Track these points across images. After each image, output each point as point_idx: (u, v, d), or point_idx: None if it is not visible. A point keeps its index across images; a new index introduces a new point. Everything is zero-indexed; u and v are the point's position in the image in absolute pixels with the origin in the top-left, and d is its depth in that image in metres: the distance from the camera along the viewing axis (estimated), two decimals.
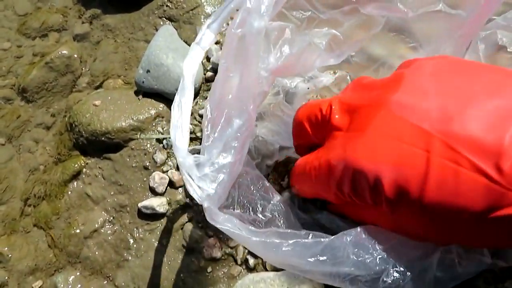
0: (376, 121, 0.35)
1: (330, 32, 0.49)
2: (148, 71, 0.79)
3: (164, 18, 0.91)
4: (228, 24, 0.78)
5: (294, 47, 0.54)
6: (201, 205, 0.72)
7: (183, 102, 0.51)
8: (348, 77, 0.70)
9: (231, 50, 0.49)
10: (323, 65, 0.56)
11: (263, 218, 0.63)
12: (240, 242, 0.46)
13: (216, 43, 0.84)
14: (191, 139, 0.76)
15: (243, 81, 0.48)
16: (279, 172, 0.74)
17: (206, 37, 0.54)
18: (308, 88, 0.67)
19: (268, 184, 0.64)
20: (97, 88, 0.89)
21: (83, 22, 0.98)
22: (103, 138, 0.77)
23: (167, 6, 0.91)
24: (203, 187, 0.48)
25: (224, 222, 0.45)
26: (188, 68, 0.53)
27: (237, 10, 0.55)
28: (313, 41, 0.48)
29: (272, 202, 0.65)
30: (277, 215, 0.65)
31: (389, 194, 0.33)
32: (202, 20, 0.88)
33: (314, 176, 0.44)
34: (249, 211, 0.63)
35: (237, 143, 0.48)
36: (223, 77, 0.52)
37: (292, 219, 0.63)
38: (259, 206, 0.64)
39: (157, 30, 0.90)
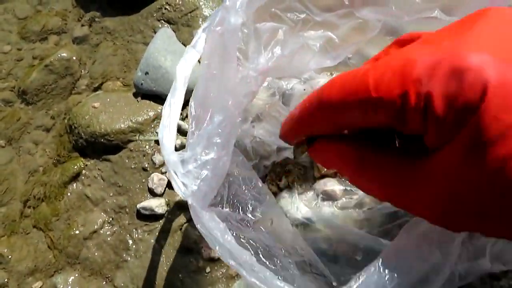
0: (485, 18, 0.23)
1: (325, 35, 0.50)
2: (146, 73, 0.79)
3: (162, 21, 0.92)
4: None
5: (286, 48, 0.54)
6: None
7: (173, 103, 0.52)
8: None
9: (212, 48, 0.50)
10: (318, 67, 0.56)
11: (252, 218, 0.63)
12: (211, 246, 0.46)
13: None
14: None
15: (223, 77, 0.48)
16: (277, 173, 0.74)
17: (201, 40, 0.54)
18: (304, 90, 0.68)
19: (261, 185, 0.65)
20: (96, 90, 0.90)
21: (82, 25, 0.99)
22: (102, 140, 0.77)
23: (165, 9, 0.92)
24: (187, 184, 0.48)
25: (208, 222, 0.46)
26: (181, 70, 0.54)
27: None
28: (307, 42, 0.48)
29: (264, 202, 0.66)
30: (267, 216, 0.65)
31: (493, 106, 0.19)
32: (200, 22, 0.89)
33: (373, 83, 0.24)
34: (238, 211, 0.64)
35: (219, 139, 0.48)
36: (206, 75, 0.52)
37: (284, 221, 0.64)
38: (249, 206, 0.64)
39: (155, 32, 0.91)
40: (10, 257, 0.74)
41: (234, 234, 0.60)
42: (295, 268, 0.62)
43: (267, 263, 0.62)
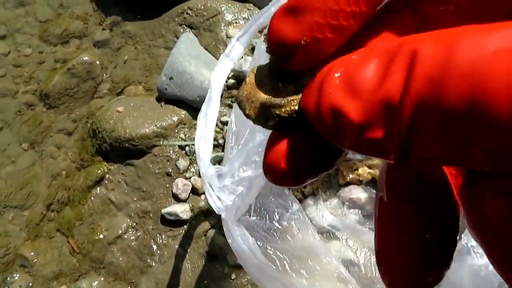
0: None
1: None
2: (171, 78, 0.79)
3: (184, 26, 0.92)
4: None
5: None
6: None
7: (209, 113, 0.52)
8: None
9: (258, 62, 0.50)
10: None
11: (279, 226, 0.64)
12: (241, 262, 0.47)
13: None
14: (213, 146, 0.77)
15: None
16: None
17: (235, 49, 0.54)
18: None
19: (287, 192, 0.65)
20: (118, 94, 0.90)
21: (103, 29, 0.99)
22: (126, 145, 0.77)
23: (187, 13, 0.92)
24: (222, 198, 0.49)
25: (237, 237, 0.47)
26: (216, 80, 0.54)
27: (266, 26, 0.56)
28: None
29: (290, 210, 0.66)
30: (294, 224, 0.65)
31: None
32: (222, 27, 0.89)
33: None
34: (265, 219, 0.64)
35: (258, 158, 0.49)
36: None
37: (310, 229, 0.64)
38: (276, 214, 0.65)
39: (177, 37, 0.91)
40: (34, 261, 0.74)
41: (262, 245, 0.60)
42: (322, 279, 0.62)
43: (294, 275, 0.62)
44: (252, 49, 0.84)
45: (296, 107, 0.13)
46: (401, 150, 0.11)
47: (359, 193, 0.71)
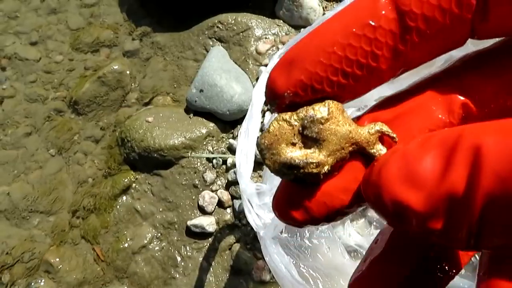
0: None
1: None
2: (201, 90, 0.80)
3: (214, 39, 0.93)
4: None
5: None
6: (251, 227, 0.73)
7: (250, 129, 0.52)
8: None
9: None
10: (379, 96, 0.56)
11: (309, 244, 0.64)
12: (277, 280, 0.46)
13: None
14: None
15: None
16: None
17: None
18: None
19: None
20: (146, 104, 0.91)
21: (133, 39, 1.00)
22: (155, 155, 0.78)
23: (217, 27, 0.93)
24: (262, 216, 0.49)
25: (273, 255, 0.46)
26: (258, 96, 0.54)
27: None
28: None
29: (320, 228, 0.66)
30: (324, 243, 0.65)
31: None
32: (252, 42, 0.90)
33: None
34: (296, 236, 0.64)
35: None
36: None
37: (339, 247, 0.63)
38: (306, 231, 0.64)
39: (206, 50, 0.92)
40: (59, 267, 0.74)
41: (295, 263, 0.60)
42: None
43: None
44: None
45: (314, 170, 0.14)
46: (470, 240, 0.11)
47: None
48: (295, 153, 0.14)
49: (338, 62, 0.14)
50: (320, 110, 0.14)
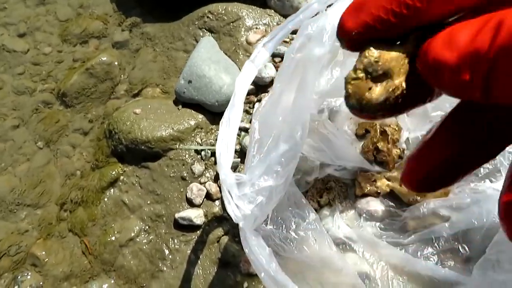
0: None
1: None
2: (189, 81, 0.79)
3: (204, 29, 0.92)
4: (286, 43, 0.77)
5: (345, 69, 0.54)
6: None
7: (232, 119, 0.51)
8: None
9: (287, 73, 0.49)
10: None
11: (295, 236, 0.63)
12: (257, 273, 0.45)
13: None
14: None
15: (296, 106, 0.48)
16: (318, 189, 0.73)
17: (260, 55, 0.53)
18: None
19: (304, 202, 0.64)
20: (135, 96, 0.90)
21: (122, 30, 0.99)
22: (143, 147, 0.77)
23: (207, 17, 0.91)
24: (241, 207, 0.48)
25: (255, 246, 0.45)
26: (241, 86, 0.53)
27: (292, 33, 0.54)
28: None
29: (307, 220, 0.65)
30: (310, 235, 0.64)
31: None
32: (243, 32, 0.89)
33: None
34: (282, 228, 0.63)
35: (280, 168, 0.48)
36: (276, 99, 0.51)
37: (326, 239, 0.62)
38: (293, 223, 0.64)
39: (196, 40, 0.90)
40: (46, 260, 0.73)
41: (278, 255, 0.59)
42: None
43: (310, 287, 0.61)
44: (274, 56, 0.83)
45: (397, 93, 0.18)
46: (484, 86, 0.14)
47: (377, 206, 0.70)
48: (377, 93, 0.17)
49: (397, 6, 0.17)
50: (368, 54, 0.18)
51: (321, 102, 0.56)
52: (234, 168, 0.75)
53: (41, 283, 0.72)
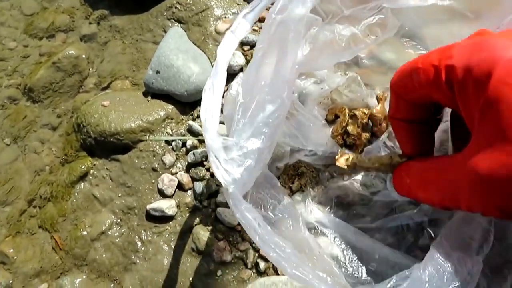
0: None
1: (351, 30, 0.49)
2: (158, 72, 0.78)
3: (172, 20, 0.91)
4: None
5: (318, 42, 0.53)
6: (211, 207, 0.71)
7: (215, 85, 0.49)
8: (359, 78, 0.70)
9: (269, 35, 0.48)
10: (339, 61, 0.55)
11: (273, 216, 0.62)
12: (252, 237, 0.44)
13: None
14: None
15: (279, 68, 0.47)
16: (289, 175, 0.73)
17: (241, 26, 0.52)
18: (321, 89, 0.66)
19: (279, 185, 0.63)
20: (104, 89, 0.89)
21: (90, 23, 0.97)
22: (111, 139, 0.76)
23: (176, 8, 0.90)
24: (230, 171, 0.46)
25: (245, 211, 0.44)
26: (222, 54, 0.51)
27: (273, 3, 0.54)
28: (336, 37, 0.47)
29: (282, 203, 0.65)
30: (286, 217, 0.64)
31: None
32: (211, 22, 0.88)
33: (421, 59, 0.31)
34: (261, 207, 0.62)
35: (267, 129, 0.47)
36: (258, 62, 0.50)
37: (300, 223, 0.62)
38: (270, 204, 0.63)
39: (165, 31, 0.89)
40: (15, 257, 0.72)
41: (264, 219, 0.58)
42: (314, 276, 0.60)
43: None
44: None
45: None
46: (414, 198, 0.40)
47: (348, 190, 0.70)
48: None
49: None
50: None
51: (297, 74, 0.55)
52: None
53: (10, 281, 0.71)
